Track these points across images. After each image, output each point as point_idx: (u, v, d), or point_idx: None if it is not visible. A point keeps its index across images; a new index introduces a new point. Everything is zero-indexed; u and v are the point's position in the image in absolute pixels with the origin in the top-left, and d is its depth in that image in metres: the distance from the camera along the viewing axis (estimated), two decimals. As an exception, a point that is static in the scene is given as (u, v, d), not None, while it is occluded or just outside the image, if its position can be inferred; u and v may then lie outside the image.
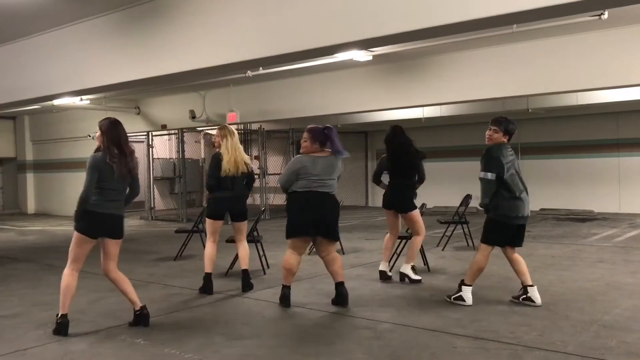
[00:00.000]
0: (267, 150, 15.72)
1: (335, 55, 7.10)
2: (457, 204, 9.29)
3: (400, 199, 6.48)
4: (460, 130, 15.73)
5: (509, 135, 5.36)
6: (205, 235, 6.50)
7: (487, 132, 5.38)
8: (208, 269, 6.21)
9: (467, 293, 5.41)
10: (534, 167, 14.75)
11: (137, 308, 4.96)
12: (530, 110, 12.34)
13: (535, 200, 14.91)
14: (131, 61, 6.79)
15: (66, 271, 4.88)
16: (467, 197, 8.79)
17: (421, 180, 6.54)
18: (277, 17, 5.54)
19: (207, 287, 6.16)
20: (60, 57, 7.67)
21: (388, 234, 6.69)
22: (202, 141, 19.26)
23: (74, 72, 7.59)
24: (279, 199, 17.11)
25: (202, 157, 19.40)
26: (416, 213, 6.52)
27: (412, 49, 8.30)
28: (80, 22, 7.25)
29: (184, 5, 6.20)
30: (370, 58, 8.90)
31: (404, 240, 7.07)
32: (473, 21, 4.53)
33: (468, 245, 8.98)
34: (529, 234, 10.70)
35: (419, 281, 6.35)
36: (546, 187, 14.69)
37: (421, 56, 9.76)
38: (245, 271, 6.33)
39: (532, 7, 4.21)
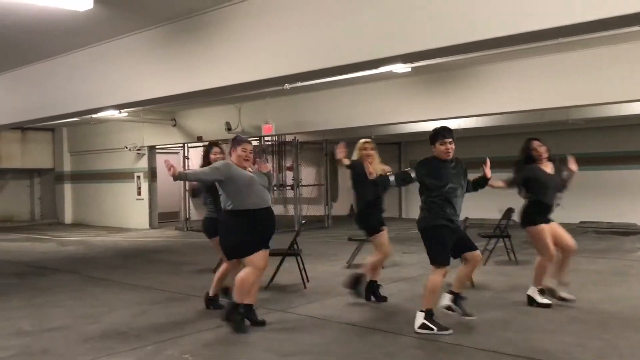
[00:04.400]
0: (300, 161, 15.73)
1: (377, 69, 7.05)
2: (494, 217, 9.11)
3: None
4: (497, 140, 15.50)
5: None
6: None
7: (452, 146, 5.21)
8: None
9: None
10: (574, 179, 14.41)
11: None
12: (570, 121, 12.09)
13: (575, 212, 14.69)
14: (173, 76, 6.85)
15: None
16: (509, 211, 8.60)
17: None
18: (320, 31, 5.51)
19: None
20: (101, 72, 7.78)
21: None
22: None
23: (115, 87, 7.69)
24: (313, 210, 17.08)
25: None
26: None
27: (451, 60, 8.22)
28: (122, 37, 7.35)
29: (225, 20, 6.23)
30: (410, 70, 8.86)
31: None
32: (523, 34, 4.45)
33: (510, 259, 8.80)
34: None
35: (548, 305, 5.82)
36: (586, 200, 14.31)
37: (460, 67, 9.65)
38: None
39: (583, 20, 4.11)
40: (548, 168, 6.05)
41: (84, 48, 7.88)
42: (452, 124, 13.02)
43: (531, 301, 5.92)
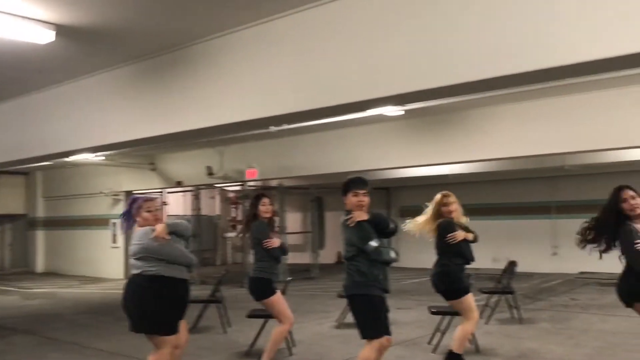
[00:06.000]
0: (285, 207, 15.05)
1: (370, 110, 6.52)
2: (486, 266, 8.47)
3: None
4: (490, 186, 15.05)
5: None
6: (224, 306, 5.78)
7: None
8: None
9: None
10: (569, 227, 13.82)
11: None
12: (566, 167, 11.65)
13: (574, 263, 14.12)
14: (151, 116, 6.25)
15: None
16: (512, 264, 7.99)
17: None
18: (308, 70, 4.98)
19: None
20: (74, 112, 7.16)
21: None
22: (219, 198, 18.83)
23: (89, 128, 7.06)
24: (298, 258, 16.27)
25: (218, 213, 18.93)
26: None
27: (445, 103, 7.73)
28: (96, 74, 6.75)
29: (207, 57, 5.68)
30: (403, 113, 8.37)
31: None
32: (523, 74, 3.93)
33: (513, 317, 8.09)
34: (577, 302, 9.80)
35: None
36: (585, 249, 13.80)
37: (454, 110, 9.17)
38: None
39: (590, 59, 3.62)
40: None
41: (53, 86, 7.28)
42: (442, 170, 12.72)
43: None
